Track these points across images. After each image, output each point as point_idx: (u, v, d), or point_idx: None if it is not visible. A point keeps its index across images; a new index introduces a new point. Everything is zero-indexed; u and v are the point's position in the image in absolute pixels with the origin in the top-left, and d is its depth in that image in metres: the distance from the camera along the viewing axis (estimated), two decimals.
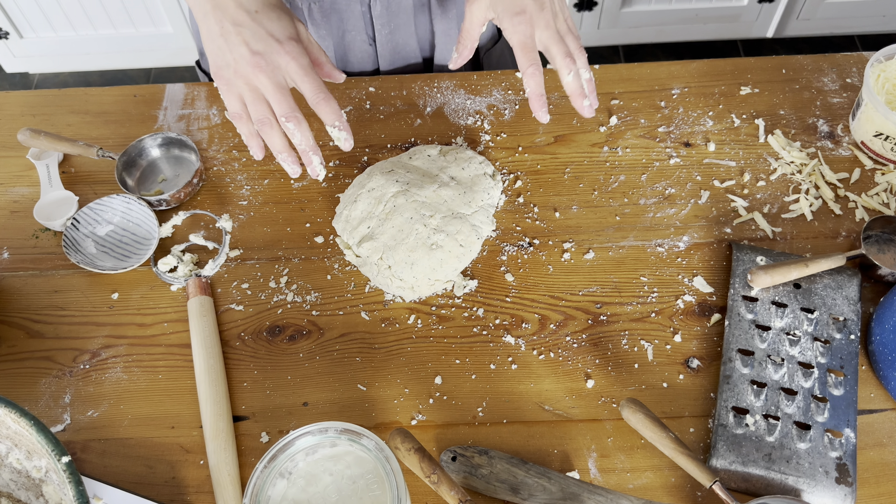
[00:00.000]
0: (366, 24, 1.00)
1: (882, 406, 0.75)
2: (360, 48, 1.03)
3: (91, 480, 0.72)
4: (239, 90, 0.71)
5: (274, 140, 0.72)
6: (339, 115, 0.72)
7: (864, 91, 0.87)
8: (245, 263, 0.86)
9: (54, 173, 0.92)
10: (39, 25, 2.17)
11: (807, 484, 0.70)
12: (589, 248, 0.86)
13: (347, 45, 1.03)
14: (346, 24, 1.00)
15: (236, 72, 0.70)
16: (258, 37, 0.70)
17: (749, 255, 0.82)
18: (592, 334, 0.80)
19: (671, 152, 0.92)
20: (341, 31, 1.01)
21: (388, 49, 1.03)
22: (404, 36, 1.03)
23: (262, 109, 0.71)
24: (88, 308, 0.83)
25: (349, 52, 1.03)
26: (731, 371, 0.76)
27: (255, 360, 0.80)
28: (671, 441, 0.69)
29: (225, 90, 0.72)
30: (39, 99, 1.00)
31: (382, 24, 1.00)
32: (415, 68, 1.07)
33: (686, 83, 0.98)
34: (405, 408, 0.76)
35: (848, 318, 0.78)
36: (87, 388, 0.78)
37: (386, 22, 1.00)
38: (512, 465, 0.70)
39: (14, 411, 0.64)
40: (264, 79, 0.70)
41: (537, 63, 0.75)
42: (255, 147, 0.74)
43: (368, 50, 1.03)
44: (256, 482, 0.63)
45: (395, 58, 1.05)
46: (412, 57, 1.05)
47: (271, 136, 0.72)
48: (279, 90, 0.70)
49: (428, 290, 0.82)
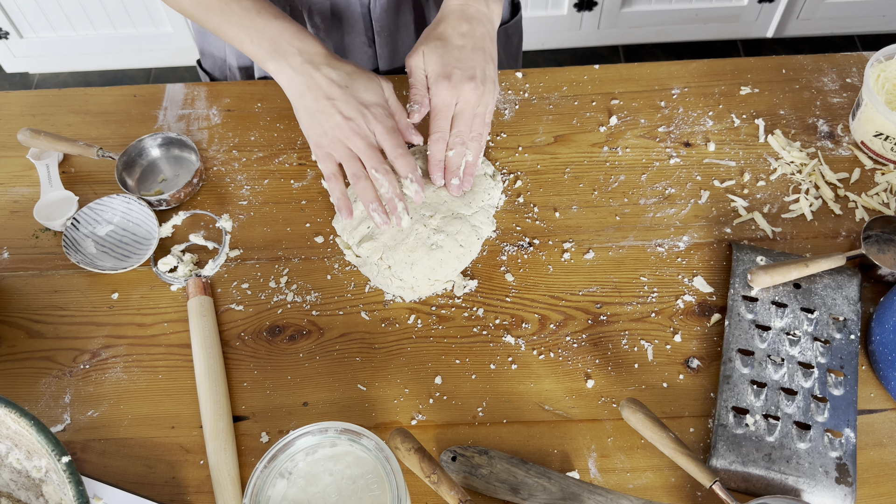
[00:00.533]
0: (365, 27, 1.00)
1: (882, 406, 0.75)
2: (359, 49, 1.03)
3: (91, 480, 0.72)
4: (335, 154, 0.80)
5: (366, 192, 0.80)
6: (413, 168, 0.81)
7: (864, 91, 0.87)
8: (245, 263, 0.86)
9: (54, 173, 0.92)
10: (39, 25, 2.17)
11: (807, 484, 0.70)
12: (589, 248, 0.86)
13: (347, 47, 1.03)
14: (346, 26, 1.00)
15: (333, 138, 0.79)
16: (350, 106, 0.79)
17: (749, 255, 0.82)
18: (592, 334, 0.80)
19: (671, 152, 0.92)
20: (341, 33, 1.01)
21: (387, 50, 1.03)
22: (403, 37, 1.03)
23: (357, 166, 0.80)
24: (88, 308, 0.83)
25: (349, 53, 1.03)
26: (731, 371, 0.76)
27: (255, 360, 0.80)
28: (671, 441, 0.69)
29: (322, 157, 0.81)
30: (39, 99, 1.00)
31: (382, 27, 1.00)
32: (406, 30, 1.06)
33: (686, 83, 0.98)
34: (405, 408, 0.76)
35: (848, 318, 0.78)
36: (87, 388, 0.78)
37: (385, 24, 1.00)
38: (512, 465, 0.70)
39: (14, 411, 0.64)
40: (356, 139, 0.79)
41: (444, 133, 0.82)
42: (346, 209, 0.82)
43: (368, 52, 1.03)
44: (256, 482, 0.63)
45: (395, 58, 1.05)
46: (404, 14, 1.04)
47: (364, 188, 0.80)
48: (369, 147, 0.79)
49: (428, 290, 0.82)
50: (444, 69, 0.80)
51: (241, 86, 1.00)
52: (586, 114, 0.96)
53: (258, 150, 0.94)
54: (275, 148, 0.95)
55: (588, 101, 0.97)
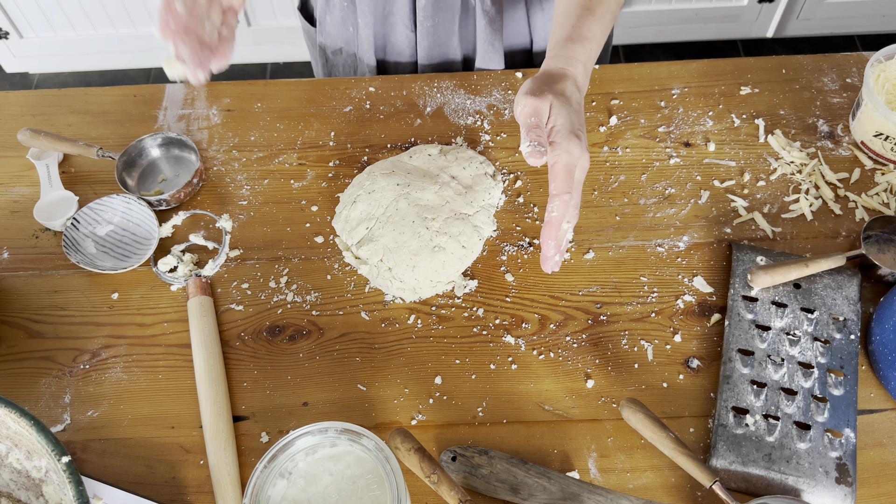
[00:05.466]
0: (409, 12, 1.01)
1: (882, 406, 0.75)
2: (401, 32, 1.03)
3: (91, 480, 0.72)
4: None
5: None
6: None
7: (864, 91, 0.87)
8: (245, 263, 0.86)
9: (54, 173, 0.92)
10: (39, 25, 2.17)
11: (807, 484, 0.70)
12: (589, 248, 0.86)
13: (389, 28, 1.03)
14: (391, 7, 1.00)
15: None
16: None
17: (749, 255, 0.82)
18: (592, 334, 0.80)
19: (671, 152, 0.92)
20: (385, 13, 1.01)
21: (427, 41, 1.03)
22: (446, 33, 1.02)
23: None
24: (88, 308, 0.83)
25: (390, 34, 1.03)
26: (731, 371, 0.76)
27: (255, 360, 0.80)
28: (671, 441, 0.69)
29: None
30: (39, 99, 1.00)
31: (426, 17, 1.00)
32: (453, 66, 1.06)
33: (686, 83, 0.98)
34: (405, 408, 0.76)
35: (848, 318, 0.78)
36: (87, 388, 0.78)
37: (429, 15, 1.00)
38: (512, 465, 0.70)
39: (14, 411, 0.64)
40: None
41: (568, 198, 0.70)
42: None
43: (410, 36, 1.03)
44: (256, 482, 0.63)
45: (434, 52, 1.04)
46: (452, 54, 1.05)
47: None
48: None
49: (429, 291, 0.82)
50: (573, 128, 0.71)
51: (241, 86, 1.00)
52: (586, 114, 0.96)
53: (258, 150, 0.94)
54: (275, 148, 0.95)
55: (588, 101, 0.97)
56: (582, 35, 0.77)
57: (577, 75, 0.75)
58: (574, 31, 0.77)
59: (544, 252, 0.72)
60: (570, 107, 0.72)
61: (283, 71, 2.31)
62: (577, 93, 0.74)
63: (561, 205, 0.69)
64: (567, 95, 0.73)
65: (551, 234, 0.70)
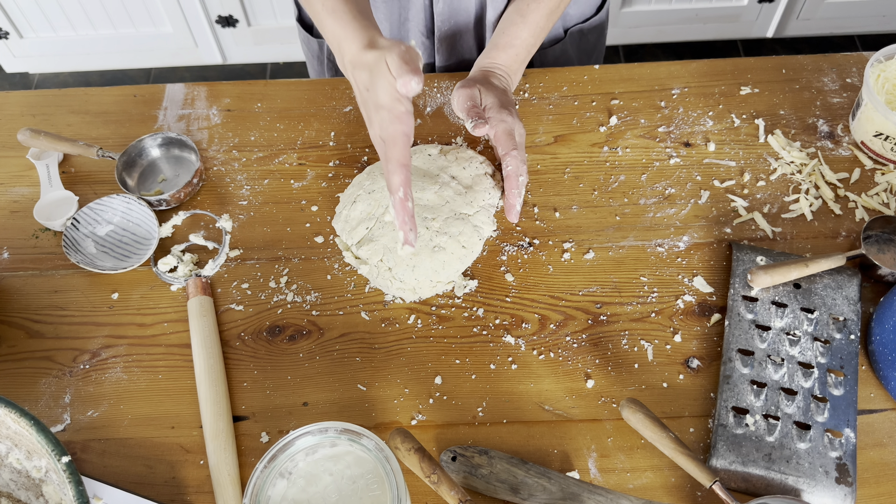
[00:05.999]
0: (424, 18, 1.01)
1: (882, 406, 0.75)
2: (416, 38, 1.04)
3: (91, 480, 0.72)
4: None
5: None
6: (407, 183, 0.77)
7: (864, 91, 0.87)
8: (245, 263, 0.86)
9: (54, 173, 0.92)
10: (39, 25, 2.17)
11: (807, 484, 0.70)
12: (589, 248, 0.86)
13: (405, 35, 1.04)
14: (406, 13, 1.01)
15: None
16: (369, 109, 0.76)
17: (749, 255, 0.82)
18: (592, 334, 0.80)
19: (671, 152, 0.92)
20: (402, 20, 1.02)
21: (445, 46, 1.04)
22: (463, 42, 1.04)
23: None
24: (88, 308, 0.83)
25: (406, 40, 1.04)
26: (731, 371, 0.76)
27: (255, 360, 0.80)
28: (671, 441, 0.69)
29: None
30: (39, 99, 1.00)
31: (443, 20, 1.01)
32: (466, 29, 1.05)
33: (686, 83, 0.98)
34: (405, 408, 0.76)
35: (848, 318, 0.78)
36: (87, 388, 0.78)
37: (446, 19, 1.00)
38: (512, 465, 0.70)
39: (14, 411, 0.64)
40: (380, 146, 0.77)
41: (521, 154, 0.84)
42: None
43: (426, 43, 1.04)
44: (256, 482, 0.63)
45: (450, 57, 1.05)
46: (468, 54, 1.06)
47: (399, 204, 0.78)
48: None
49: (429, 291, 0.82)
50: (503, 104, 0.85)
51: (241, 86, 1.00)
52: (586, 114, 0.96)
53: (258, 150, 0.94)
54: (275, 148, 0.95)
55: (588, 101, 0.97)
56: (507, 43, 0.91)
57: (500, 74, 0.90)
58: (500, 40, 0.91)
59: (511, 202, 0.84)
60: (497, 89, 0.88)
61: (283, 71, 2.31)
62: (502, 80, 0.90)
63: (513, 160, 0.83)
64: (491, 82, 0.89)
65: (514, 185, 0.84)
